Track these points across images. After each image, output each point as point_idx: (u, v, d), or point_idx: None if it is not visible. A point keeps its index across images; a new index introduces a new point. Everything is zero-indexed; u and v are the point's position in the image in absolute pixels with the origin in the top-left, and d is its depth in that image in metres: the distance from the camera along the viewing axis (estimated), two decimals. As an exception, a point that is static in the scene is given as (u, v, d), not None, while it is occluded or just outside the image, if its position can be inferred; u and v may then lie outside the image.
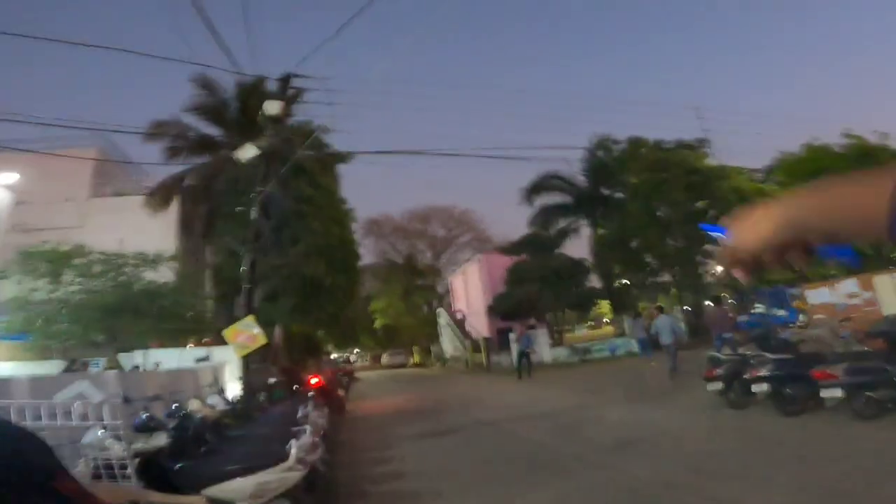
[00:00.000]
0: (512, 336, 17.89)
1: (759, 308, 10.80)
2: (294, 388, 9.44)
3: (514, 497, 4.54)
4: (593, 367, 18.07)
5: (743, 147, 63.46)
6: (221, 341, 10.12)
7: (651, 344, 15.80)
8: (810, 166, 15.05)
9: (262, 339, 7.50)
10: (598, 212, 25.17)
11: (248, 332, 7.41)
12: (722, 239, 0.67)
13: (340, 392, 11.56)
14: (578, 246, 36.24)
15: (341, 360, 20.71)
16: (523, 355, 16.75)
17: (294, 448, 4.14)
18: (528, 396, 11.82)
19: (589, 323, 53.46)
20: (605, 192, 25.01)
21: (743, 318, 10.87)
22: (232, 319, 11.11)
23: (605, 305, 29.38)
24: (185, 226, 17.21)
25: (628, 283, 24.70)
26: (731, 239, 0.64)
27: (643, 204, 20.55)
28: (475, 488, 4.96)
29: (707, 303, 21.11)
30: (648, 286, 23.87)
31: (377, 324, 41.29)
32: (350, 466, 6.38)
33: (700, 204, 20.66)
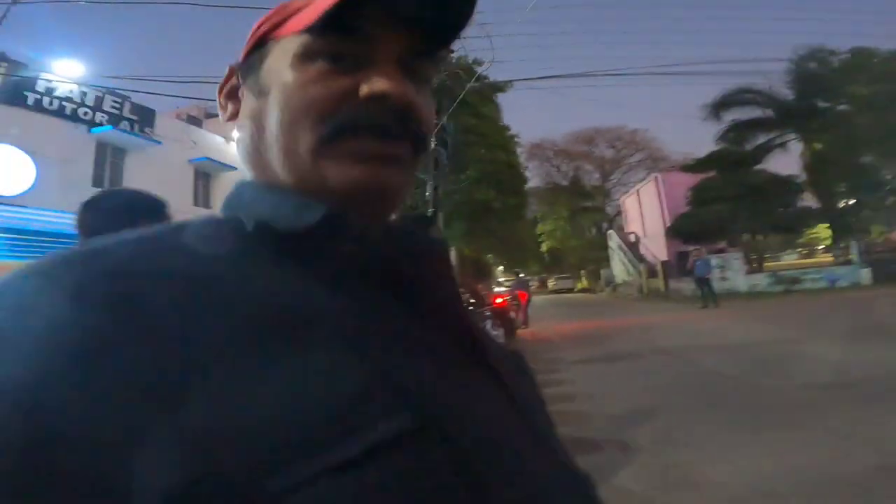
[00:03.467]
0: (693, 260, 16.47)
1: None
2: (471, 307, 10.07)
3: (690, 425, 4.28)
4: (803, 298, 15.58)
5: None
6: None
7: None
8: None
9: None
10: (812, 125, 20.96)
11: None
12: None
13: (513, 314, 12.00)
14: (783, 163, 31.72)
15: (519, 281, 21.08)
16: (702, 282, 15.49)
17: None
18: (713, 326, 10.81)
19: (799, 250, 45.88)
20: (821, 104, 20.76)
21: None
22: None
23: (822, 229, 24.76)
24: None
25: (857, 202, 20.35)
26: None
27: (878, 115, 16.78)
28: (647, 414, 4.80)
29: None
30: (888, 206, 19.35)
31: (544, 247, 41.29)
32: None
33: None
